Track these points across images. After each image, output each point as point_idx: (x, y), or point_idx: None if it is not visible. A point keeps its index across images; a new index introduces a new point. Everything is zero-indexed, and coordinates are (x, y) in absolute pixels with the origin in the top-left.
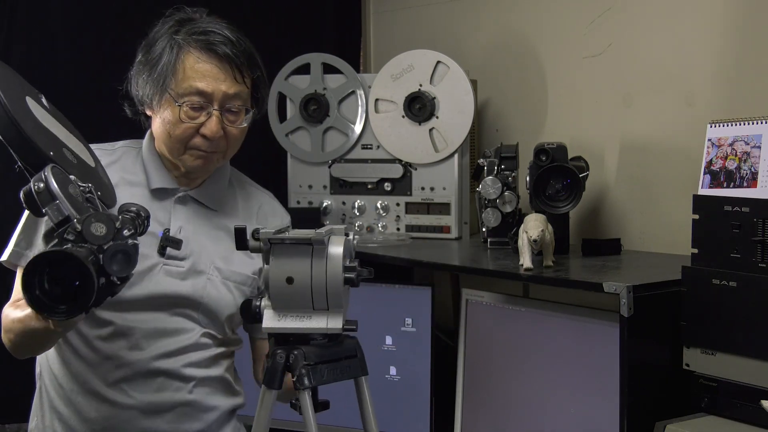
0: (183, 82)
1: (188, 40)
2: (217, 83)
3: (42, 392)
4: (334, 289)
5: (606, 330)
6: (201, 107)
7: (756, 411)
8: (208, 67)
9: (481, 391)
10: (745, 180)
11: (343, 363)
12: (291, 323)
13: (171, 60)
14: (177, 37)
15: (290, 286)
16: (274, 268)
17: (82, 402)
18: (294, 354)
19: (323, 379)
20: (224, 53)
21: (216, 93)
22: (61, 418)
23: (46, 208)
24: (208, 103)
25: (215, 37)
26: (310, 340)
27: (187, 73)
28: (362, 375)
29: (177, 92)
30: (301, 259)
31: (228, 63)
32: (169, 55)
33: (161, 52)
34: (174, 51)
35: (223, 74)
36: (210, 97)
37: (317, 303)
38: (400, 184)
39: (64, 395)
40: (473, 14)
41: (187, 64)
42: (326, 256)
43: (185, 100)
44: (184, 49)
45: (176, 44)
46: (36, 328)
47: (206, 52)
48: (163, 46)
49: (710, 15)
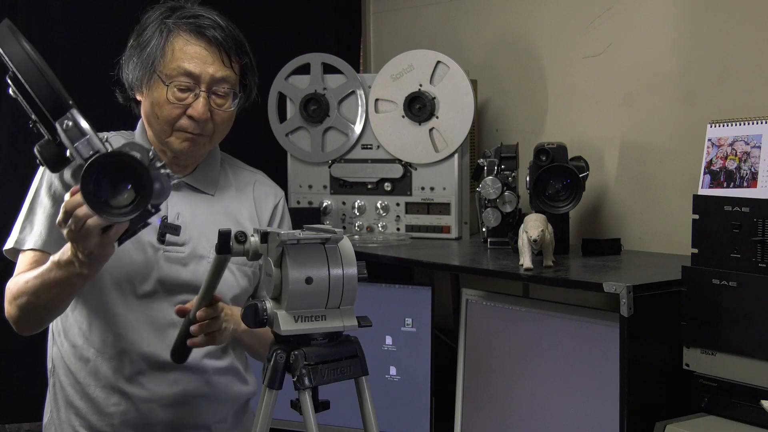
0: (171, 62)
1: (178, 23)
2: (205, 66)
3: (56, 388)
4: (350, 285)
5: (606, 330)
6: (188, 88)
7: (756, 411)
8: (196, 50)
9: (481, 391)
10: (745, 180)
11: (344, 363)
12: (309, 325)
13: (161, 43)
14: (168, 20)
15: (309, 286)
16: (294, 269)
17: (100, 396)
18: (294, 354)
19: (323, 379)
20: (213, 36)
21: (204, 75)
22: (78, 413)
23: (77, 144)
24: (196, 84)
25: (204, 21)
26: (310, 341)
27: (176, 55)
28: (362, 375)
29: (165, 73)
30: (317, 258)
31: (216, 46)
32: (158, 38)
33: (151, 35)
34: (164, 34)
35: (211, 57)
36: (198, 79)
37: (331, 302)
38: (400, 184)
39: (81, 390)
40: (473, 14)
41: (176, 46)
42: (340, 253)
43: (173, 81)
44: (174, 32)
45: (166, 27)
46: (58, 277)
47: (195, 35)
48: (153, 30)
49: (710, 15)
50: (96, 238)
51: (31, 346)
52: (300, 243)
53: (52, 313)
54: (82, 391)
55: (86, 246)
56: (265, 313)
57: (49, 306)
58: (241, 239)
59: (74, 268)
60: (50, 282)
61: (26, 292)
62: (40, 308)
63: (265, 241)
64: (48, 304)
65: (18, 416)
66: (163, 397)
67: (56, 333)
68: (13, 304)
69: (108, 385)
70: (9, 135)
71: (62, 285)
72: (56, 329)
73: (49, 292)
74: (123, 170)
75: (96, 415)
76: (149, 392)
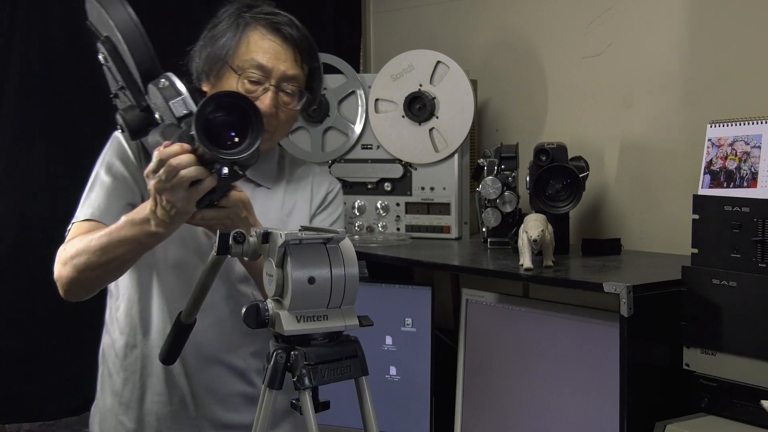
0: (245, 54)
1: (256, 17)
2: (278, 62)
3: (104, 376)
4: (351, 285)
5: (606, 330)
6: (258, 82)
7: (756, 411)
8: (271, 45)
9: (481, 391)
10: (745, 180)
11: (344, 363)
12: (311, 325)
13: (236, 34)
14: (245, 14)
15: (311, 285)
16: (296, 269)
17: (145, 387)
18: (294, 354)
19: (324, 379)
20: (288, 34)
21: (275, 70)
22: (122, 402)
23: (171, 102)
24: (266, 78)
25: (282, 18)
26: (310, 341)
27: (250, 47)
28: (363, 375)
29: (237, 64)
30: (319, 258)
31: (291, 44)
32: (234, 30)
33: (227, 27)
34: (240, 27)
35: (285, 54)
36: (269, 73)
37: (333, 301)
38: (400, 184)
39: (126, 379)
40: (473, 14)
41: (252, 39)
42: (341, 253)
43: (245, 72)
44: (251, 26)
45: (243, 21)
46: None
47: (272, 30)
48: (229, 22)
49: (710, 15)
50: (183, 192)
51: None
52: (302, 243)
53: (110, 275)
54: (126, 380)
55: (172, 197)
56: (267, 313)
57: (111, 266)
58: (240, 239)
59: (149, 226)
60: (119, 240)
61: (87, 251)
62: (99, 268)
63: (266, 241)
64: (109, 264)
65: (18, 416)
66: (207, 392)
67: (108, 321)
68: (69, 264)
69: (154, 376)
70: (9, 135)
71: (131, 244)
72: (109, 317)
73: (115, 251)
74: (236, 112)
75: (139, 407)
76: (195, 387)
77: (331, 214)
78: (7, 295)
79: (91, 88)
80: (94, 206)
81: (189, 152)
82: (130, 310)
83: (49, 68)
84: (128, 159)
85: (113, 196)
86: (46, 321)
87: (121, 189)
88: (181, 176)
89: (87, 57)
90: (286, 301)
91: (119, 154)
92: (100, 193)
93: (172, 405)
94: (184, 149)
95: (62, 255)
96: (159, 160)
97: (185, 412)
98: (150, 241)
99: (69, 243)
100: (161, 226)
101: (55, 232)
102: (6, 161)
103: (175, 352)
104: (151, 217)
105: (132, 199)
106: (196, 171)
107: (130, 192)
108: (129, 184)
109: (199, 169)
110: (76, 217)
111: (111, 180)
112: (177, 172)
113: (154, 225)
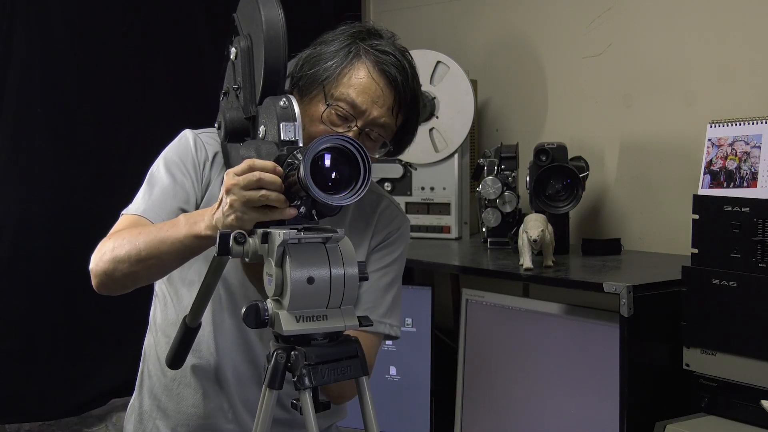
0: (343, 86)
1: (368, 51)
2: (373, 105)
3: (143, 375)
4: (351, 285)
5: (606, 330)
6: (346, 118)
7: (756, 411)
8: (372, 85)
9: (481, 391)
10: (745, 180)
11: (344, 363)
12: (311, 325)
13: (343, 62)
14: (360, 43)
15: (311, 285)
16: (295, 268)
17: (182, 394)
18: (294, 354)
19: (324, 379)
20: (393, 79)
21: (367, 113)
22: (159, 405)
23: (283, 123)
24: (354, 117)
25: (393, 61)
26: (310, 340)
27: (351, 81)
28: (363, 375)
29: (332, 93)
30: (318, 257)
31: (392, 91)
32: (343, 58)
33: (337, 50)
34: (350, 56)
35: (383, 99)
36: (360, 114)
37: (332, 301)
38: (400, 184)
39: (165, 383)
40: (473, 14)
41: (355, 73)
42: (341, 253)
43: (336, 104)
44: (360, 59)
45: (355, 49)
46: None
47: (378, 71)
48: (341, 45)
49: (710, 15)
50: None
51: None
52: (301, 242)
53: (147, 274)
54: (165, 385)
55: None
56: (266, 313)
57: (150, 264)
58: (240, 240)
59: (198, 228)
60: (164, 238)
61: (129, 243)
62: (138, 264)
63: (265, 241)
64: (149, 261)
65: (18, 416)
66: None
67: (152, 322)
68: (107, 255)
69: (191, 384)
70: (9, 134)
71: (175, 244)
72: (152, 318)
73: (159, 248)
74: (347, 159)
75: (176, 412)
76: (231, 401)
77: (385, 256)
78: (7, 295)
79: (91, 88)
80: (148, 203)
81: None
82: (175, 320)
83: (49, 68)
84: (192, 161)
85: (169, 196)
86: (45, 321)
87: (177, 191)
88: (262, 194)
89: (87, 57)
90: (285, 300)
91: (183, 155)
92: (157, 190)
93: (207, 419)
94: (278, 171)
95: (102, 247)
96: (250, 166)
97: (218, 425)
98: (194, 243)
99: (114, 235)
100: (210, 229)
101: (55, 232)
102: (6, 161)
103: (181, 356)
104: (206, 217)
105: (185, 203)
106: (277, 197)
107: (184, 196)
108: (186, 187)
109: (280, 197)
110: (129, 209)
111: (170, 180)
112: (259, 186)
113: (204, 227)
